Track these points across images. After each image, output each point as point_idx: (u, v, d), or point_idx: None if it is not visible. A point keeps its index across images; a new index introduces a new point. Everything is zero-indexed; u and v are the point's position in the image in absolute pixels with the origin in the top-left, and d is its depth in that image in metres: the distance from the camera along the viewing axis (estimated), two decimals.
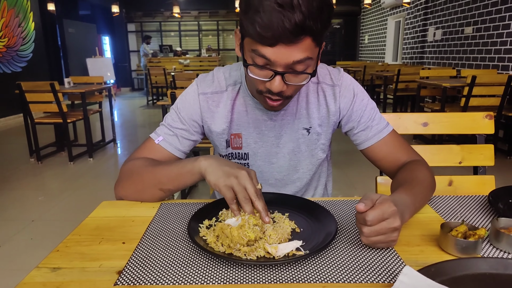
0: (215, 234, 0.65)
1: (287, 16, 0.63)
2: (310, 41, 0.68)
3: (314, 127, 0.92)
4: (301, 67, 0.71)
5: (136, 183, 0.83)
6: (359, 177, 3.29)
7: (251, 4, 0.66)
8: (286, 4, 0.63)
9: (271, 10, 0.63)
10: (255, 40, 0.68)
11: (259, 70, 0.72)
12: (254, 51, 0.70)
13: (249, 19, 0.66)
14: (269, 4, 0.63)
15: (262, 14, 0.64)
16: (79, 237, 0.69)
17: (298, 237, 0.66)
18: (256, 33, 0.66)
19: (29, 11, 6.96)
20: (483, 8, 4.98)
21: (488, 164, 1.21)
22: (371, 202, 0.61)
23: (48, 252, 0.63)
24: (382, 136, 0.91)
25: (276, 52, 0.67)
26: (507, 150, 3.70)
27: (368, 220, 0.59)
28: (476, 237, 0.60)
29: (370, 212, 0.59)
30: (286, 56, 0.68)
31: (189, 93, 0.92)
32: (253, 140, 0.93)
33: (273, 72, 0.71)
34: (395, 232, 0.61)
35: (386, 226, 0.60)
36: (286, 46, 0.66)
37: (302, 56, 0.69)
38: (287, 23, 0.63)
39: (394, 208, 0.61)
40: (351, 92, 0.91)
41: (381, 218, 0.60)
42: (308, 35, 0.66)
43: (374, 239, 0.60)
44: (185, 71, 8.47)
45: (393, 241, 0.62)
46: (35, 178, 3.49)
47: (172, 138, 0.91)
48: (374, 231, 0.60)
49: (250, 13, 0.66)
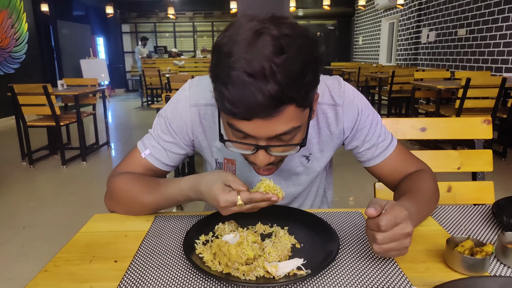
0: (212, 251, 0.62)
1: (259, 88, 0.52)
2: (293, 109, 0.57)
3: (314, 153, 0.85)
4: (288, 137, 0.62)
5: (122, 206, 0.81)
6: (355, 179, 3.27)
7: (217, 75, 0.56)
8: (257, 74, 0.52)
9: (240, 82, 0.53)
10: (226, 114, 0.59)
11: (239, 144, 0.63)
12: (230, 125, 0.61)
13: (217, 91, 0.57)
14: (238, 75, 0.53)
15: (230, 87, 0.54)
16: (68, 255, 0.65)
17: (299, 253, 0.64)
18: (226, 109, 0.56)
19: (22, 12, 6.87)
20: (476, 10, 5.01)
21: (487, 170, 1.19)
22: (380, 207, 0.58)
23: (39, 261, 0.60)
24: (388, 153, 0.85)
25: (254, 126, 0.58)
26: (502, 152, 3.72)
27: (382, 225, 0.56)
28: (483, 254, 0.58)
29: (383, 217, 0.56)
30: (267, 130, 0.58)
31: (180, 101, 0.82)
32: (249, 168, 0.81)
33: (254, 146, 0.62)
34: (407, 238, 0.58)
35: (399, 232, 0.57)
36: (264, 120, 0.56)
37: (286, 128, 0.59)
38: (260, 96, 0.53)
39: (406, 212, 0.58)
40: (355, 110, 0.81)
41: (394, 223, 0.57)
42: (289, 104, 0.56)
43: (387, 247, 0.57)
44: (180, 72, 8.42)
45: (405, 248, 0.58)
46: (27, 182, 3.43)
47: (160, 152, 0.83)
48: (388, 237, 0.56)
49: (218, 85, 0.56)
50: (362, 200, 2.86)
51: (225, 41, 0.57)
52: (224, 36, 0.57)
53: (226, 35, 0.57)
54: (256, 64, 0.52)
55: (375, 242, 0.58)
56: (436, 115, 3.78)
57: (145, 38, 10.24)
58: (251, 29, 0.55)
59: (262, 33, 0.54)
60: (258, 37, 0.54)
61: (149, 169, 0.84)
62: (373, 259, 0.64)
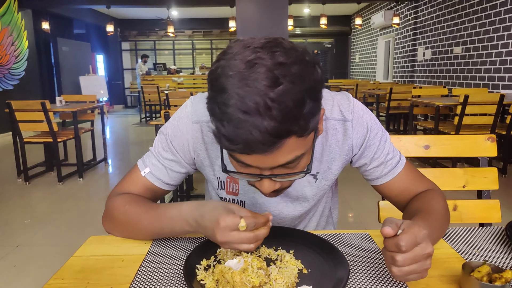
0: (214, 278, 0.59)
1: (254, 125, 0.50)
2: (294, 140, 0.54)
3: (322, 172, 0.82)
4: (292, 165, 0.59)
5: (119, 228, 0.77)
6: (356, 197, 3.24)
7: (213, 111, 0.54)
8: (252, 111, 0.49)
9: (235, 120, 0.51)
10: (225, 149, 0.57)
11: (242, 175, 0.61)
12: (232, 156, 0.59)
13: (214, 126, 0.55)
14: (232, 113, 0.50)
15: (226, 124, 0.52)
16: (62, 282, 0.62)
17: (307, 280, 0.60)
18: (224, 146, 0.55)
19: (23, 30, 6.94)
20: (471, 28, 5.09)
21: (492, 188, 1.17)
22: (396, 227, 0.55)
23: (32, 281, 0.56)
24: (397, 171, 0.82)
25: (256, 159, 0.56)
26: (502, 169, 3.71)
27: (403, 245, 0.52)
28: (502, 281, 0.55)
29: (403, 236, 0.53)
30: (269, 162, 0.56)
31: (182, 118, 0.79)
32: (252, 188, 0.77)
33: (259, 176, 0.60)
34: (428, 259, 0.54)
35: (420, 253, 0.53)
36: (263, 155, 0.54)
37: (289, 158, 0.57)
38: (256, 133, 0.50)
39: (425, 231, 0.54)
40: (364, 126, 0.79)
41: (414, 242, 0.53)
42: (288, 137, 0.53)
43: (408, 269, 0.53)
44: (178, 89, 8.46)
45: (425, 271, 0.55)
46: (22, 199, 3.37)
47: (160, 170, 0.80)
48: (408, 259, 0.53)
49: (214, 120, 0.55)
50: (364, 219, 2.82)
51: (219, 72, 0.54)
52: (218, 67, 0.54)
53: (220, 66, 0.54)
54: (250, 101, 0.50)
55: (395, 265, 0.54)
56: (436, 131, 3.79)
57: (146, 56, 10.36)
58: (244, 60, 0.52)
59: (255, 64, 0.51)
60: (251, 69, 0.51)
61: (149, 188, 0.81)
62: (384, 284, 0.60)
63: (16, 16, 6.74)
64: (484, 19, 4.79)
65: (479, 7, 4.90)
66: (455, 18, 5.48)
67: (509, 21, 4.33)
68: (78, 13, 9.23)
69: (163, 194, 0.85)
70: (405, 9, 7.23)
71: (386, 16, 7.62)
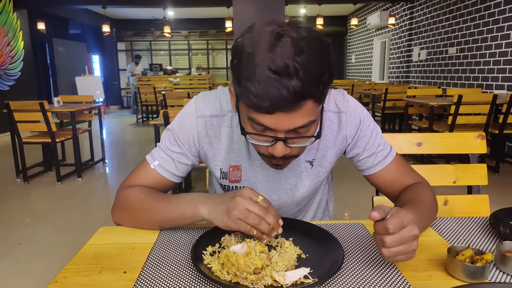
0: (220, 262, 0.64)
1: (284, 84, 0.57)
2: (311, 104, 0.63)
3: (317, 159, 0.88)
4: (304, 130, 0.67)
5: (133, 217, 0.81)
6: (352, 193, 3.29)
7: (242, 72, 0.61)
8: (282, 71, 0.57)
9: (265, 79, 0.58)
10: (251, 108, 0.63)
11: (258, 136, 0.68)
12: (251, 119, 0.65)
13: (242, 87, 0.61)
14: (263, 72, 0.58)
15: (256, 83, 0.58)
16: (77, 267, 0.66)
17: (305, 263, 0.65)
18: (251, 103, 0.61)
19: (19, 30, 6.93)
20: (466, 29, 5.17)
21: (482, 184, 1.22)
22: (384, 212, 0.61)
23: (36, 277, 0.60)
24: (387, 162, 0.89)
25: (275, 120, 0.63)
26: (494, 167, 3.78)
27: (390, 227, 0.58)
28: (483, 262, 0.60)
29: (391, 219, 0.59)
30: (287, 123, 0.63)
31: (187, 114, 0.86)
32: (253, 174, 0.87)
33: (274, 138, 0.66)
34: (415, 241, 0.60)
35: (407, 234, 0.59)
36: (286, 113, 0.61)
37: (304, 122, 0.64)
38: (284, 91, 0.58)
39: (411, 215, 0.60)
40: (357, 119, 0.87)
41: (401, 225, 0.59)
42: (309, 99, 0.61)
43: (396, 250, 0.59)
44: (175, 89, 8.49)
45: (413, 252, 0.60)
46: (22, 199, 3.40)
47: (168, 163, 0.86)
48: (396, 240, 0.58)
49: (243, 82, 0.61)
50: (359, 214, 2.87)
51: (246, 43, 0.62)
52: (245, 39, 0.62)
53: (246, 37, 0.62)
54: (280, 62, 0.57)
55: (384, 246, 0.59)
56: (430, 130, 3.85)
57: (138, 57, 10.15)
58: (272, 32, 0.60)
59: (282, 35, 0.60)
60: (279, 39, 0.59)
61: (159, 180, 0.87)
62: (377, 267, 0.65)
63: (12, 16, 6.73)
64: (478, 20, 4.88)
65: (473, 8, 4.99)
66: (450, 19, 5.56)
67: (502, 22, 4.41)
68: (74, 13, 9.22)
69: (171, 186, 0.90)
70: (401, 9, 7.31)
71: (382, 16, 7.70)
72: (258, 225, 0.64)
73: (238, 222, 0.65)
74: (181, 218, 0.76)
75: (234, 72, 0.64)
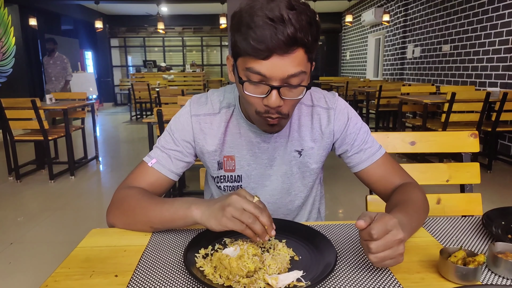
0: (212, 264, 0.63)
1: (279, 29, 0.66)
2: (302, 54, 0.71)
3: (306, 149, 0.93)
4: (296, 81, 0.73)
5: (127, 216, 0.81)
6: (345, 194, 3.30)
7: (242, 21, 0.69)
8: (277, 19, 0.67)
9: (263, 25, 0.67)
10: (249, 55, 0.70)
11: (254, 87, 0.74)
12: (248, 69, 0.72)
13: (242, 35, 0.69)
14: (261, 19, 0.67)
15: (254, 29, 0.67)
16: (68, 270, 0.65)
17: (298, 266, 0.65)
18: (250, 47, 0.68)
19: (10, 26, 6.84)
20: (460, 27, 5.20)
21: (475, 182, 1.23)
22: (370, 219, 0.61)
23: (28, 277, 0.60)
24: (375, 159, 0.92)
25: (271, 66, 0.69)
26: (487, 165, 3.81)
27: (374, 233, 0.58)
28: (475, 264, 0.60)
29: (374, 225, 0.59)
30: (281, 70, 0.70)
31: (182, 114, 0.93)
32: (247, 162, 0.93)
33: (269, 86, 0.72)
34: (400, 245, 0.60)
35: (391, 239, 0.59)
36: (280, 57, 0.69)
37: (296, 70, 0.71)
38: (280, 35, 0.66)
39: (395, 220, 0.60)
40: (345, 116, 0.93)
41: (385, 230, 0.59)
42: (300, 46, 0.69)
43: (382, 255, 0.59)
44: (169, 86, 8.44)
45: (400, 256, 0.60)
46: (14, 197, 3.36)
47: (165, 159, 0.90)
48: (381, 245, 0.59)
49: (243, 29, 0.69)
50: (353, 214, 2.88)
51: (243, 6, 0.71)
52: (241, 4, 0.72)
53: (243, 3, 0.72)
54: (276, 13, 0.67)
55: (370, 252, 0.60)
56: (423, 128, 3.87)
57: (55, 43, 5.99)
58: None
59: None
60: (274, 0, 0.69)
61: (157, 177, 0.89)
62: (370, 270, 0.65)
63: (3, 11, 6.64)
64: (472, 17, 4.90)
65: (467, 5, 5.01)
66: (444, 16, 5.59)
67: (496, 20, 4.44)
68: (66, 8, 9.10)
69: (168, 185, 0.92)
70: (395, 6, 7.32)
71: (377, 13, 7.71)
72: (252, 224, 0.64)
73: (233, 220, 0.65)
74: (172, 219, 0.76)
75: (234, 25, 0.72)
